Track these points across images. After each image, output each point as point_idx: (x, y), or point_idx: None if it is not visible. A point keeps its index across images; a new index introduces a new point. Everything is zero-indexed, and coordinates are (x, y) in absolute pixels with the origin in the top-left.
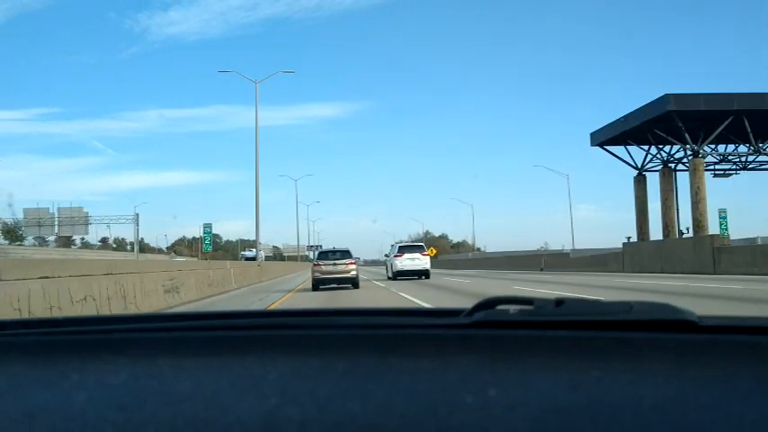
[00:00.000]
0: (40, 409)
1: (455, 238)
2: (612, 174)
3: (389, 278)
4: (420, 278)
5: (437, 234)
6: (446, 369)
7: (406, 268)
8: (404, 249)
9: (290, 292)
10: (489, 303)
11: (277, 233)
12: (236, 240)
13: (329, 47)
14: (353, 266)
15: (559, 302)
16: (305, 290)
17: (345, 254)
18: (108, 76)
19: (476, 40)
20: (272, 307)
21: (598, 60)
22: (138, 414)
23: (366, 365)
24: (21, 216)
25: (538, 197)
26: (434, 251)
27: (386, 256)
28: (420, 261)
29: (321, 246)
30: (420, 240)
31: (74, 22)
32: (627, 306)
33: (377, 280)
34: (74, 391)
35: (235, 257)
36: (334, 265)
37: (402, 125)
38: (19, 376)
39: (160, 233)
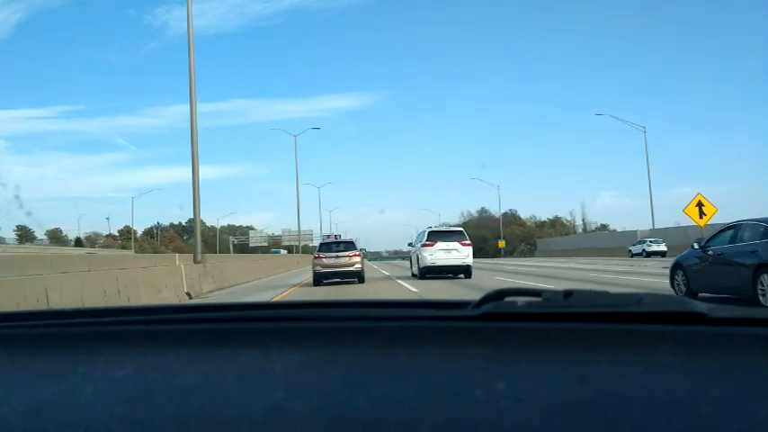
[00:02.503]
0: (47, 401)
1: (524, 214)
2: None
3: (414, 275)
4: (456, 276)
5: (494, 212)
6: (454, 361)
7: (438, 263)
8: (435, 236)
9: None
10: (497, 295)
11: (297, 225)
12: (219, 227)
13: (347, 36)
14: (358, 259)
15: (568, 294)
16: (307, 284)
17: (349, 245)
18: (129, 72)
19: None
20: None
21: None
22: (144, 407)
23: (373, 358)
24: None
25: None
26: (503, 243)
27: (410, 245)
28: (459, 253)
29: (340, 235)
30: (470, 223)
31: (94, 19)
32: (636, 298)
33: (399, 278)
34: (80, 384)
35: (212, 249)
36: (337, 257)
37: (430, 112)
38: (26, 368)
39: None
